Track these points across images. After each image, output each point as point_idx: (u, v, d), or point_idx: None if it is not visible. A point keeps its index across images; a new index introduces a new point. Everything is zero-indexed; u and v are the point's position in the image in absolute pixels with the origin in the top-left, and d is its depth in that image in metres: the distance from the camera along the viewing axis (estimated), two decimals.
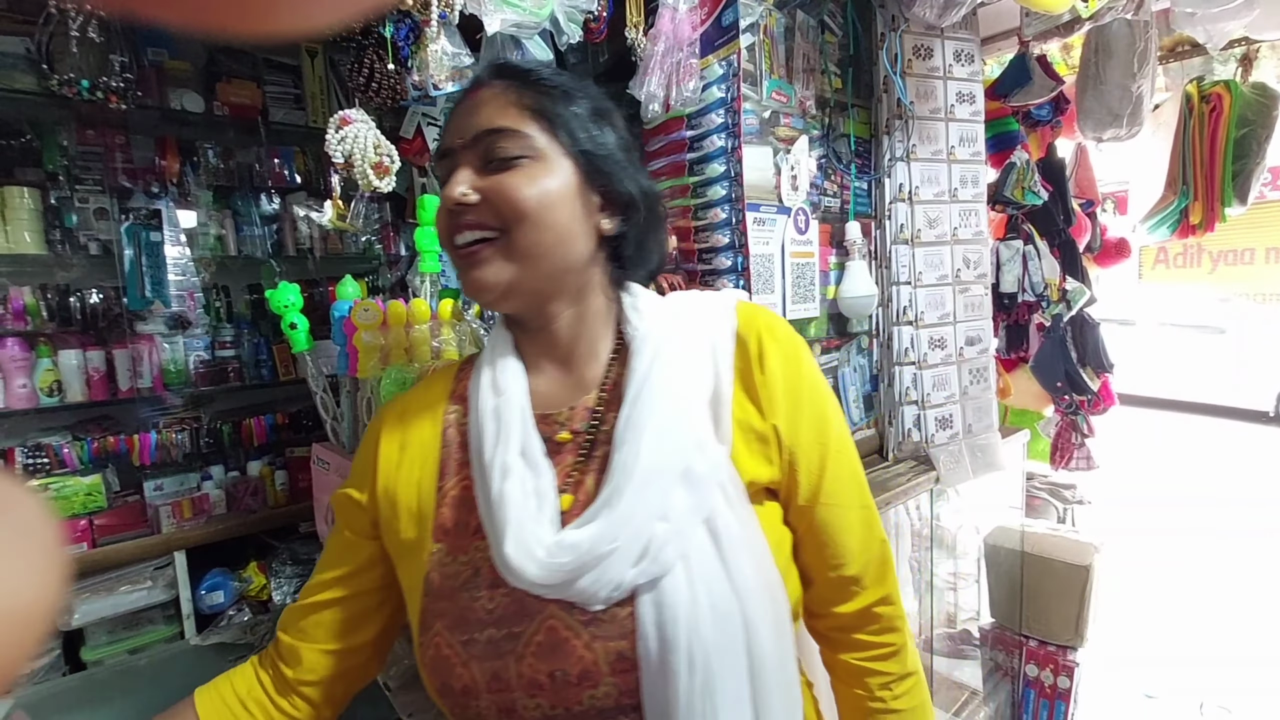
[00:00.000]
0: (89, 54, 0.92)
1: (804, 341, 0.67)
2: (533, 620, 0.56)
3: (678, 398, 0.59)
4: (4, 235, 1.65)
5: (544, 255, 0.58)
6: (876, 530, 0.67)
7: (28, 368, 1.70)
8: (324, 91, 2.06)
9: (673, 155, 1.50)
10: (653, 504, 0.54)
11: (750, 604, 0.55)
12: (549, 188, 0.58)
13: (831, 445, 0.63)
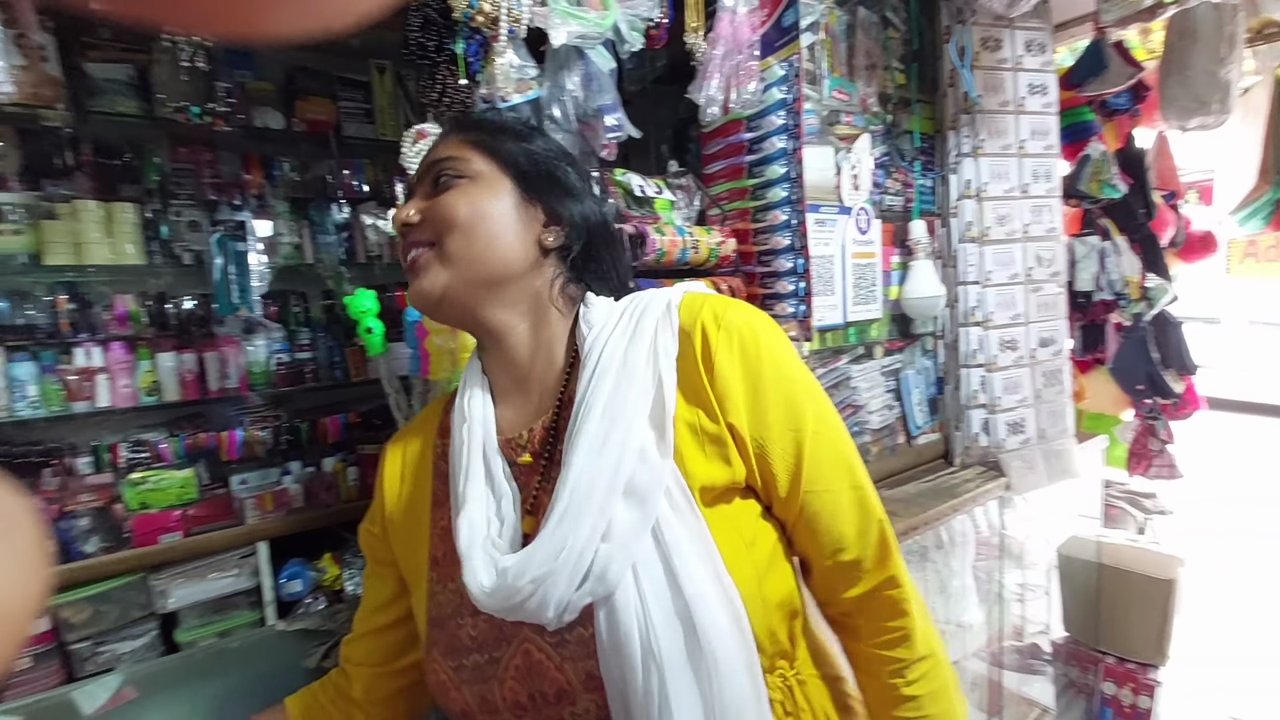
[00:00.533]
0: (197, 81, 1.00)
1: (767, 323, 0.63)
2: (510, 644, 0.58)
3: (617, 409, 0.57)
4: (109, 247, 1.80)
5: (473, 261, 0.61)
6: (873, 511, 0.64)
7: (130, 369, 1.85)
8: (392, 105, 2.15)
9: (731, 158, 1.50)
10: (592, 524, 0.54)
11: (702, 611, 0.53)
12: (480, 199, 0.62)
13: (807, 429, 0.60)
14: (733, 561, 0.56)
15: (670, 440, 0.57)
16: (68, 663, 1.66)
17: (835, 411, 0.65)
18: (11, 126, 1.69)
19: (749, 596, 0.56)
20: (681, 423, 0.59)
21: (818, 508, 0.61)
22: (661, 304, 0.63)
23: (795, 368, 0.62)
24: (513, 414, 0.66)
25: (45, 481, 1.78)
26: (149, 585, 1.74)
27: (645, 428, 0.57)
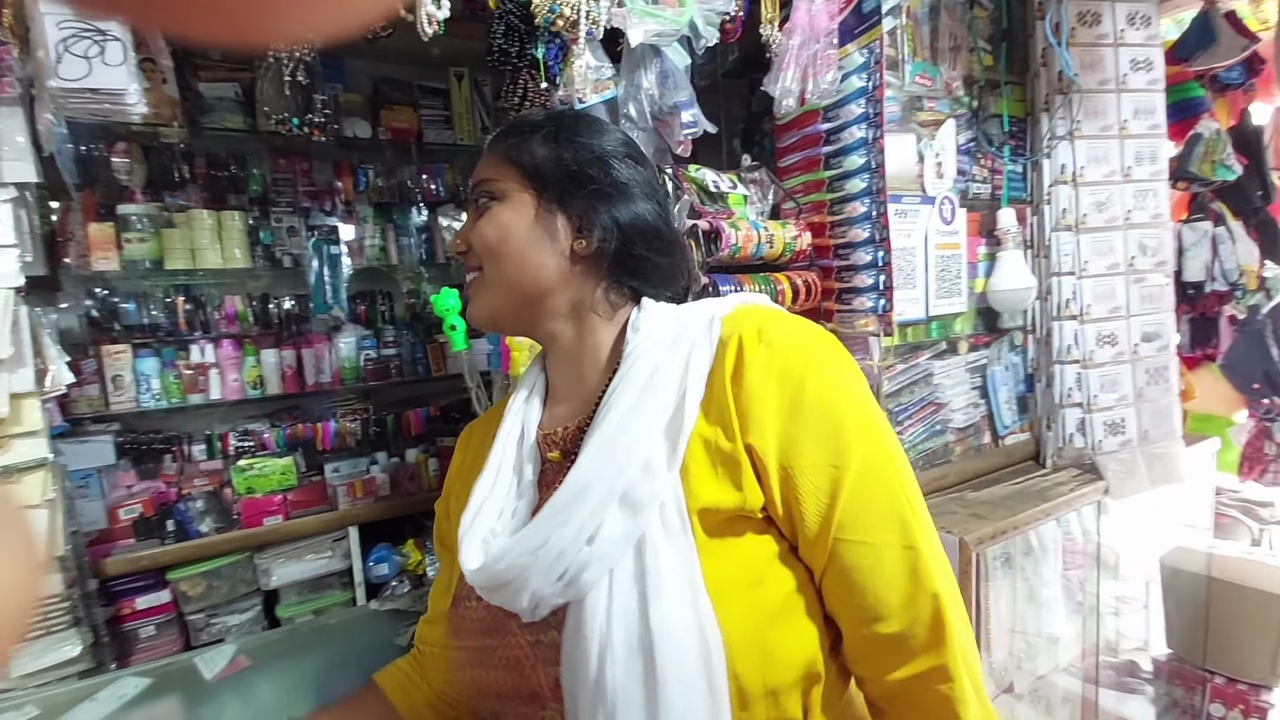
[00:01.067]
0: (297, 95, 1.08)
1: (826, 345, 0.57)
2: (501, 635, 0.59)
3: (633, 416, 0.55)
4: (219, 252, 1.96)
5: (510, 283, 0.64)
6: (928, 580, 0.53)
7: (238, 364, 2.00)
8: (469, 111, 2.23)
9: (807, 150, 1.47)
10: (580, 525, 0.52)
11: (665, 648, 0.48)
12: (504, 222, 0.63)
13: (850, 467, 0.53)
14: (726, 599, 0.51)
15: (680, 454, 0.54)
16: (185, 632, 1.82)
17: (901, 460, 0.57)
18: (137, 144, 1.87)
19: (740, 643, 0.50)
20: (698, 439, 0.55)
21: (853, 561, 0.52)
22: (707, 315, 0.59)
23: (852, 398, 0.56)
24: (561, 412, 0.67)
25: (166, 467, 1.96)
26: (255, 564, 1.88)
27: (658, 439, 0.54)
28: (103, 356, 1.85)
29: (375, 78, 2.19)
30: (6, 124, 1.36)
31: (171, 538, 1.77)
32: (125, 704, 1.11)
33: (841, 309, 1.42)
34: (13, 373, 1.43)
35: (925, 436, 1.55)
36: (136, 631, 1.73)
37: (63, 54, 0.93)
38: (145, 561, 1.72)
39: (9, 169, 1.40)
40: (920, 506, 0.56)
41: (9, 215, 1.44)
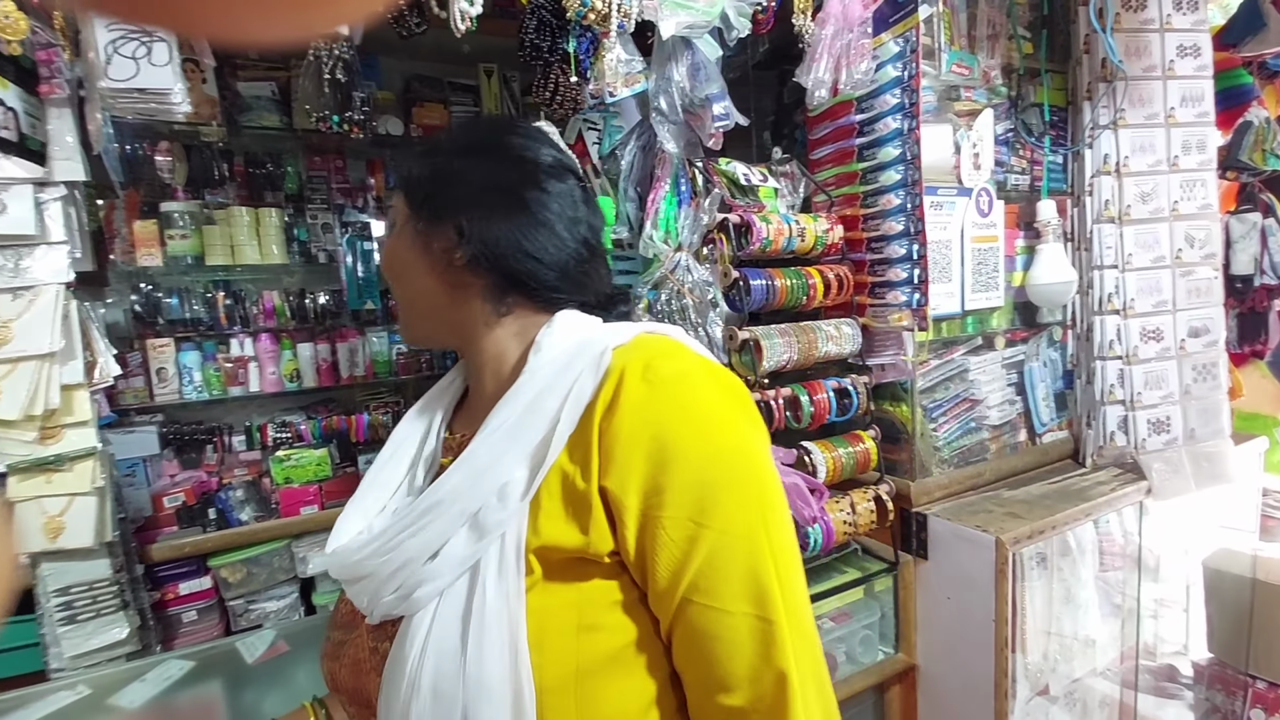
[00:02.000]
0: (336, 93, 1.10)
1: (724, 395, 0.53)
2: (353, 633, 0.58)
3: (504, 439, 0.53)
4: (258, 249, 2.01)
5: (407, 304, 0.65)
6: (778, 657, 0.49)
7: (276, 358, 2.06)
8: (498, 106, 2.25)
9: (839, 142, 1.45)
10: (426, 540, 0.51)
11: (475, 698, 0.46)
12: (391, 248, 0.65)
13: (714, 525, 0.49)
14: (547, 642, 0.49)
15: (535, 486, 0.51)
16: (226, 617, 1.88)
17: (778, 526, 0.52)
18: (179, 143, 1.92)
19: (554, 689, 0.48)
20: (558, 472, 0.52)
21: (702, 625, 0.49)
22: (602, 343, 0.55)
23: (733, 452, 0.51)
24: (466, 417, 0.67)
25: (207, 456, 2.02)
26: (292, 551, 1.93)
27: (520, 467, 0.52)
28: (147, 350, 1.91)
29: (407, 75, 2.22)
30: (56, 124, 1.40)
31: (213, 525, 1.82)
32: (171, 685, 1.15)
33: (874, 303, 1.41)
34: (64, 365, 1.48)
35: (960, 434, 1.52)
36: (180, 616, 1.79)
37: (112, 55, 0.96)
38: (188, 548, 1.77)
39: (59, 168, 1.45)
40: (791, 579, 0.52)
41: (59, 213, 1.49)
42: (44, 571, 1.51)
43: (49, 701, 1.11)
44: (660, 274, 1.30)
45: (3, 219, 1.41)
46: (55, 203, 1.48)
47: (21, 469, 1.46)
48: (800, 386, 1.31)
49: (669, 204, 1.28)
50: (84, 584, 1.53)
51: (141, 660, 1.37)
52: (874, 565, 1.47)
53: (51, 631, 1.52)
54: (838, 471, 1.32)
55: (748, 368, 1.29)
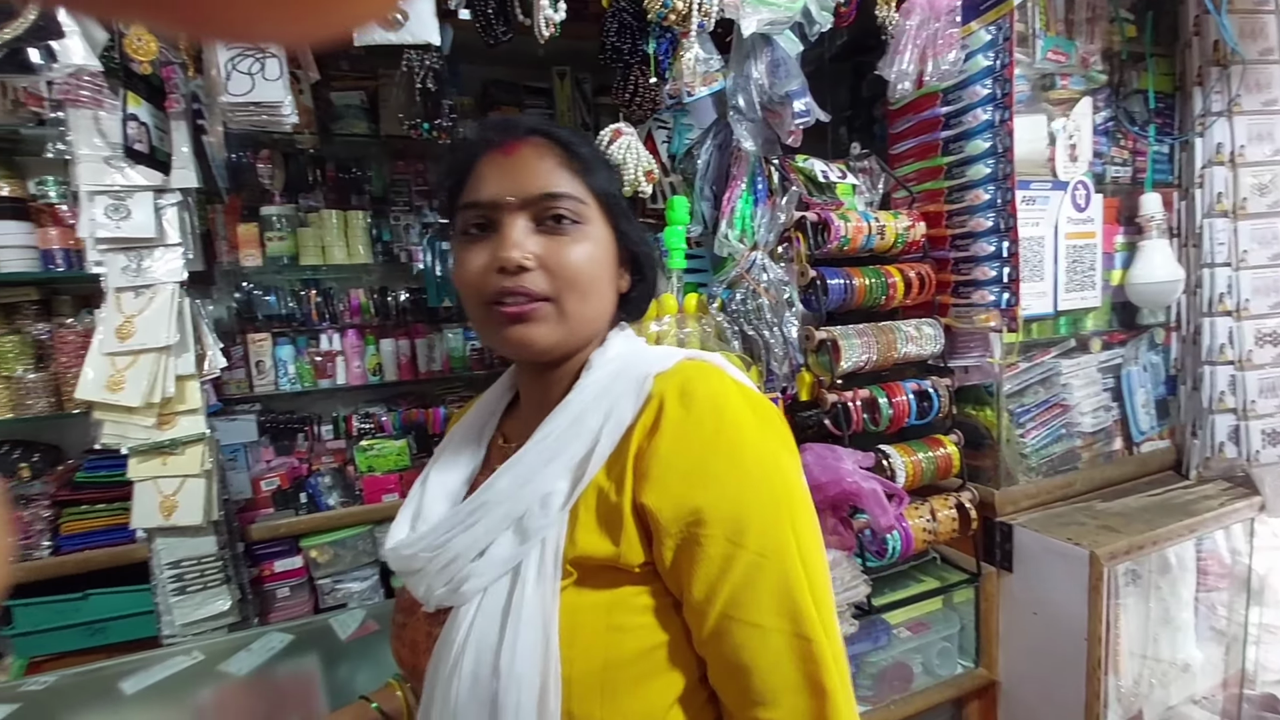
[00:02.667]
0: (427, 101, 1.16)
1: (760, 417, 0.55)
2: (412, 616, 0.62)
3: (550, 451, 0.56)
4: (346, 249, 2.13)
5: (587, 320, 0.60)
6: (818, 674, 0.51)
7: (360, 352, 2.17)
8: (570, 109, 2.29)
9: (923, 136, 1.40)
10: (474, 539, 0.55)
11: (507, 687, 0.50)
12: (596, 256, 0.59)
13: (750, 546, 0.51)
14: (577, 638, 0.52)
15: (574, 497, 0.55)
16: (315, 595, 2.00)
17: (811, 546, 0.55)
18: (279, 151, 2.06)
19: (580, 679, 0.51)
20: (595, 487, 0.55)
21: (740, 640, 0.51)
22: (645, 370, 0.57)
23: (767, 474, 0.54)
24: (522, 425, 0.67)
25: (299, 444, 2.15)
26: (374, 536, 2.03)
27: (562, 478, 0.55)
28: (248, 344, 2.06)
29: (484, 80, 2.29)
30: (174, 136, 1.53)
31: (304, 509, 1.94)
32: (273, 656, 1.23)
33: (958, 303, 1.35)
34: (178, 357, 1.61)
35: (1048, 440, 1.45)
36: (275, 592, 1.92)
37: (231, 71, 1.04)
38: (283, 529, 1.90)
39: (176, 176, 1.58)
40: (825, 599, 0.54)
41: (175, 217, 1.62)
42: (158, 546, 1.65)
43: (168, 665, 1.21)
44: (735, 273, 1.30)
45: (127, 223, 1.55)
46: (172, 208, 1.61)
47: (141, 451, 1.61)
48: (878, 388, 1.28)
49: (745, 202, 1.28)
50: (193, 558, 1.67)
51: (245, 631, 1.48)
52: (954, 575, 1.41)
53: (164, 601, 1.66)
54: (917, 477, 1.28)
55: (824, 368, 1.27)
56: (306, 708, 1.06)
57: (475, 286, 0.58)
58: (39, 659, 1.67)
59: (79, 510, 1.74)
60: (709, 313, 1.35)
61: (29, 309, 1.87)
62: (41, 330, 1.84)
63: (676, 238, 1.34)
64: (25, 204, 1.78)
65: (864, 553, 1.26)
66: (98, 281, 1.58)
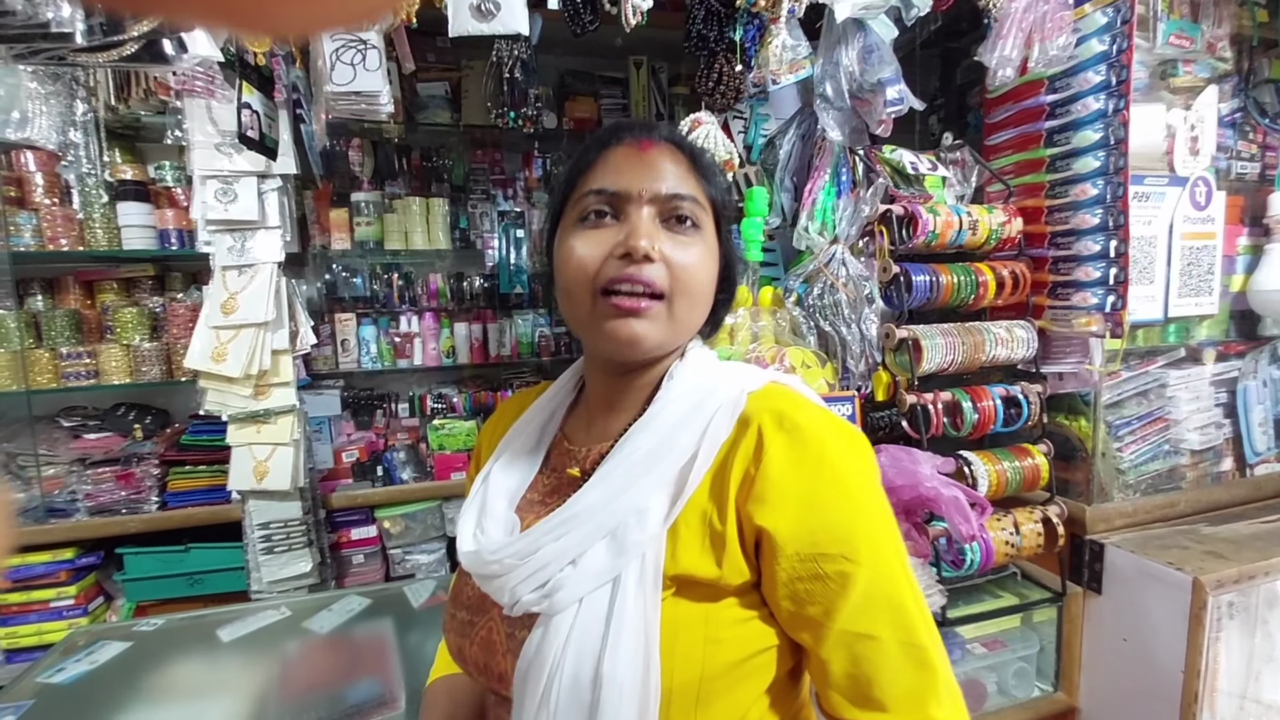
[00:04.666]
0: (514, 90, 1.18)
1: (848, 438, 0.57)
2: (484, 616, 0.62)
3: (643, 465, 0.57)
4: (426, 235, 2.21)
5: (689, 326, 0.61)
6: (929, 679, 0.54)
7: (436, 335, 2.26)
8: (646, 99, 2.29)
9: (1023, 126, 1.32)
10: (565, 547, 0.55)
11: (608, 694, 0.51)
12: (706, 262, 0.60)
13: (865, 563, 0.53)
14: (676, 649, 0.53)
15: (674, 515, 0.55)
16: (386, 564, 2.10)
17: (905, 555, 0.58)
18: (368, 140, 2.16)
19: (680, 690, 0.53)
20: (695, 507, 0.56)
21: (860, 652, 0.54)
22: (738, 386, 0.59)
23: (868, 493, 0.57)
24: (588, 428, 0.67)
25: (377, 420, 2.26)
26: (442, 511, 2.11)
27: (658, 495, 0.56)
28: (335, 323, 2.17)
29: (561, 70, 2.32)
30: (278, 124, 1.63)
31: (380, 481, 2.04)
32: (352, 617, 1.30)
33: (1055, 305, 1.27)
34: (274, 333, 1.72)
35: (1149, 456, 1.35)
36: (351, 558, 2.03)
37: (335, 62, 1.10)
38: (360, 499, 2.00)
39: (278, 163, 1.67)
40: (925, 605, 0.57)
41: (276, 201, 1.72)
42: (251, 507, 1.77)
43: (260, 618, 1.30)
44: (813, 267, 1.27)
45: (234, 206, 1.66)
46: (273, 193, 1.71)
47: (239, 419, 1.73)
48: (962, 391, 1.22)
49: (827, 194, 1.24)
50: (280, 521, 1.78)
51: (327, 593, 1.57)
52: (1035, 593, 1.34)
53: (254, 559, 1.78)
54: (1001, 487, 1.22)
55: (903, 368, 1.23)
56: (381, 668, 1.11)
57: (588, 272, 0.57)
58: (145, 603, 1.83)
59: (183, 470, 1.89)
60: (784, 306, 1.33)
61: (146, 284, 2.03)
62: (156, 303, 2.01)
63: (755, 229, 1.32)
64: (146, 186, 1.94)
65: (939, 562, 1.21)
66: (206, 260, 1.70)
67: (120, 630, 1.27)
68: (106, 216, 1.88)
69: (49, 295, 1.96)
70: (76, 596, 1.81)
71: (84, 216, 1.88)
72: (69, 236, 1.86)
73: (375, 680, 1.08)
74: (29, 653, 1.77)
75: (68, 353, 1.88)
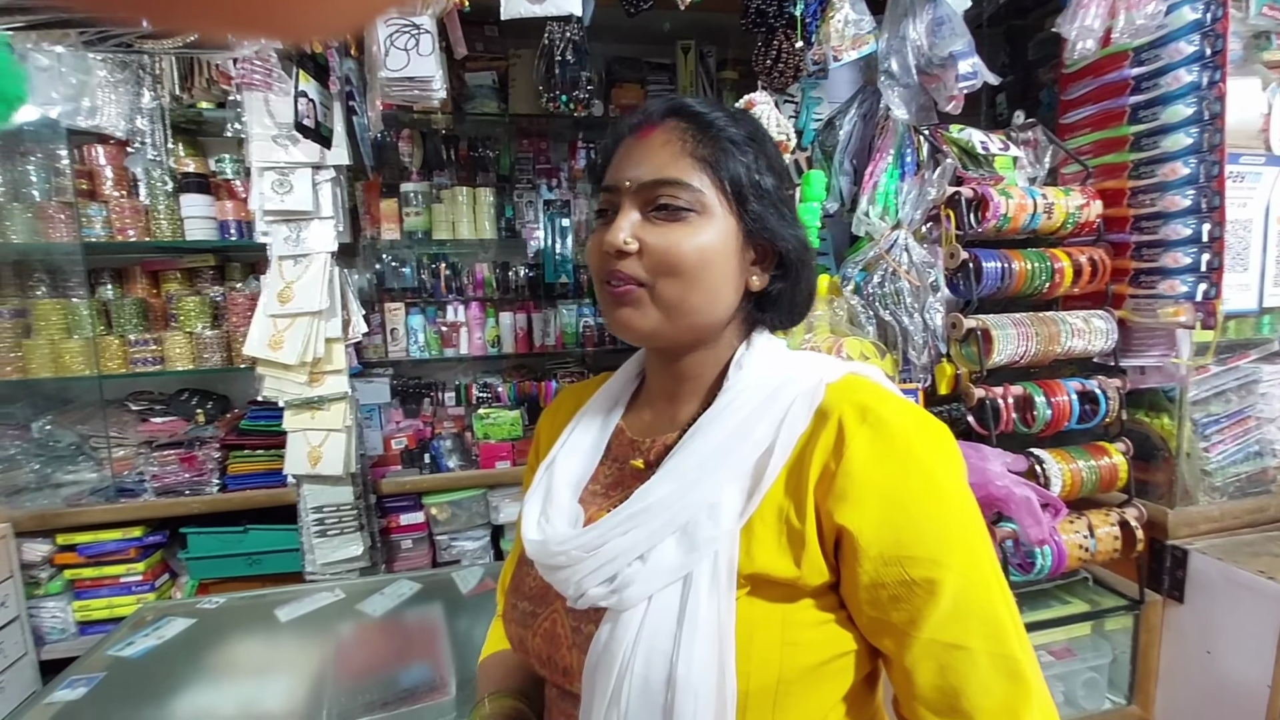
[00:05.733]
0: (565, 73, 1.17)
1: (934, 434, 0.54)
2: (547, 607, 0.61)
3: (715, 458, 0.55)
4: (473, 225, 2.22)
5: (691, 311, 0.57)
6: (1022, 691, 0.50)
7: (482, 324, 2.27)
8: (693, 84, 2.25)
9: (1105, 101, 1.24)
10: (634, 541, 0.54)
11: (683, 697, 0.49)
12: (707, 245, 0.57)
13: (954, 567, 0.51)
14: (753, 652, 0.52)
15: (749, 511, 0.53)
16: (433, 550, 2.13)
17: (995, 559, 0.54)
18: (417, 131, 2.18)
19: (757, 693, 0.51)
20: (772, 503, 0.54)
21: (947, 662, 0.51)
22: (815, 376, 0.57)
23: (957, 492, 0.54)
24: (650, 420, 0.66)
25: (424, 408, 2.30)
26: (487, 500, 2.13)
27: (731, 489, 0.54)
28: (384, 312, 2.21)
29: (608, 57, 2.30)
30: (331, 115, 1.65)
31: (427, 469, 2.07)
32: (403, 601, 1.32)
33: (1138, 293, 1.19)
34: (327, 321, 1.75)
35: (1239, 458, 1.25)
36: (400, 543, 2.06)
37: (389, 48, 1.10)
38: (408, 486, 2.03)
39: (331, 154, 1.70)
40: (1016, 613, 0.54)
41: (329, 192, 1.75)
42: (305, 491, 1.82)
43: (315, 599, 1.33)
44: (873, 254, 1.21)
45: (290, 197, 1.70)
46: (326, 184, 1.74)
47: (295, 405, 1.77)
48: (1034, 385, 1.15)
49: (890, 177, 1.19)
50: (333, 505, 1.82)
51: (378, 576, 1.60)
52: (1109, 600, 1.26)
53: (308, 541, 1.83)
54: (1075, 487, 1.15)
55: (970, 360, 1.17)
56: (432, 653, 1.12)
57: (593, 267, 0.60)
58: (207, 581, 1.90)
59: (243, 454, 1.96)
60: (842, 295, 1.28)
61: (207, 273, 2.10)
62: (217, 292, 2.07)
63: (811, 215, 1.27)
64: (207, 179, 2.00)
65: (1006, 565, 1.15)
66: (264, 250, 1.75)
67: (185, 607, 1.32)
68: (170, 208, 1.95)
69: (118, 284, 2.05)
70: (144, 573, 1.89)
71: (150, 207, 1.95)
72: (136, 227, 1.94)
73: (426, 665, 1.09)
74: (101, 625, 1.86)
75: (135, 339, 1.96)
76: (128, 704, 1.00)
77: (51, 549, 1.86)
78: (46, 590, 1.86)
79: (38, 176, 1.89)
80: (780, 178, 0.61)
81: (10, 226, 1.85)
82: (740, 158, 0.58)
